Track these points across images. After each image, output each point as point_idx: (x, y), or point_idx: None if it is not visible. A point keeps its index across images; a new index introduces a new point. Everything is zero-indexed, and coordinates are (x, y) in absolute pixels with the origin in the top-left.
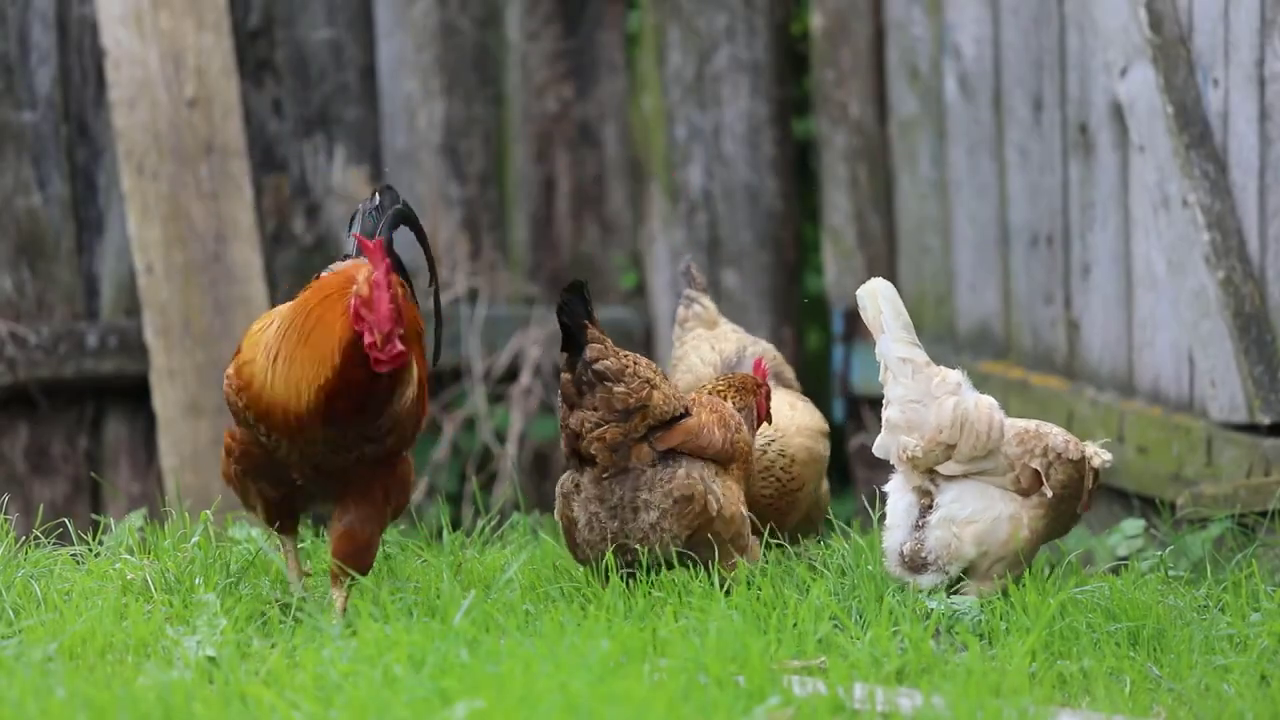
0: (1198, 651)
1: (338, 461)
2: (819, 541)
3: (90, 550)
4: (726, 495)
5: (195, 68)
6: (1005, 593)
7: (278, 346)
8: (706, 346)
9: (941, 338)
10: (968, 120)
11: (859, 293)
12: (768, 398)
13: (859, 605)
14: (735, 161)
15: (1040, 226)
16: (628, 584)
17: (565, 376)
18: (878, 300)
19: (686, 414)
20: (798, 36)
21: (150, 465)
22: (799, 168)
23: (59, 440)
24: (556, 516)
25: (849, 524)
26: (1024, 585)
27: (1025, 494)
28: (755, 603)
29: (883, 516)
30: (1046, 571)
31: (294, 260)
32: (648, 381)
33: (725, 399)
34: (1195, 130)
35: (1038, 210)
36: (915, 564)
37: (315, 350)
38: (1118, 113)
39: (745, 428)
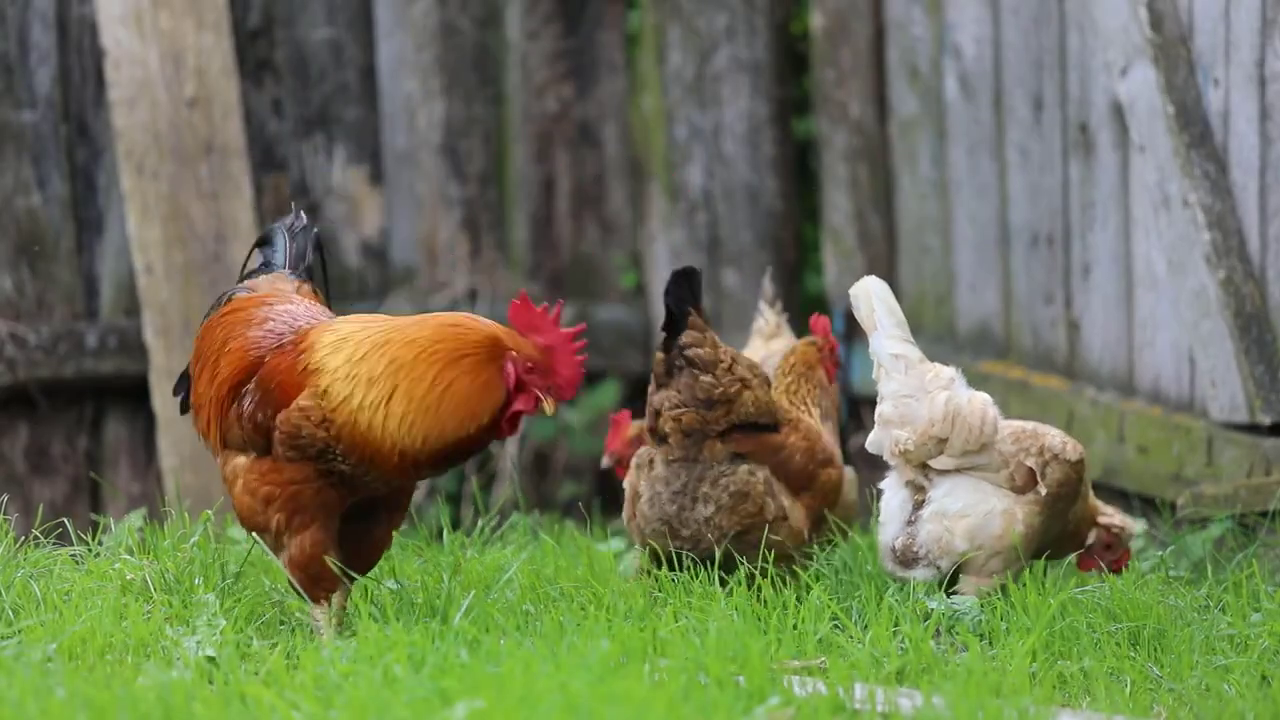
0: (1198, 652)
1: (413, 482)
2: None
3: (90, 550)
4: (791, 515)
5: (195, 68)
6: (1005, 592)
7: (390, 388)
8: (747, 354)
9: (941, 338)
10: (968, 120)
11: (852, 291)
12: (833, 357)
13: (859, 605)
14: (735, 161)
15: (1040, 226)
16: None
17: (659, 355)
18: (870, 298)
19: (775, 428)
20: (798, 36)
21: (150, 465)
22: (799, 168)
23: (59, 440)
24: (625, 485)
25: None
26: (1024, 585)
27: (1020, 491)
28: (755, 603)
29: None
30: (1046, 571)
31: None
32: (741, 380)
33: (800, 389)
34: (1196, 130)
35: (1038, 210)
36: (906, 559)
37: (460, 408)
38: (1118, 112)
39: (836, 458)
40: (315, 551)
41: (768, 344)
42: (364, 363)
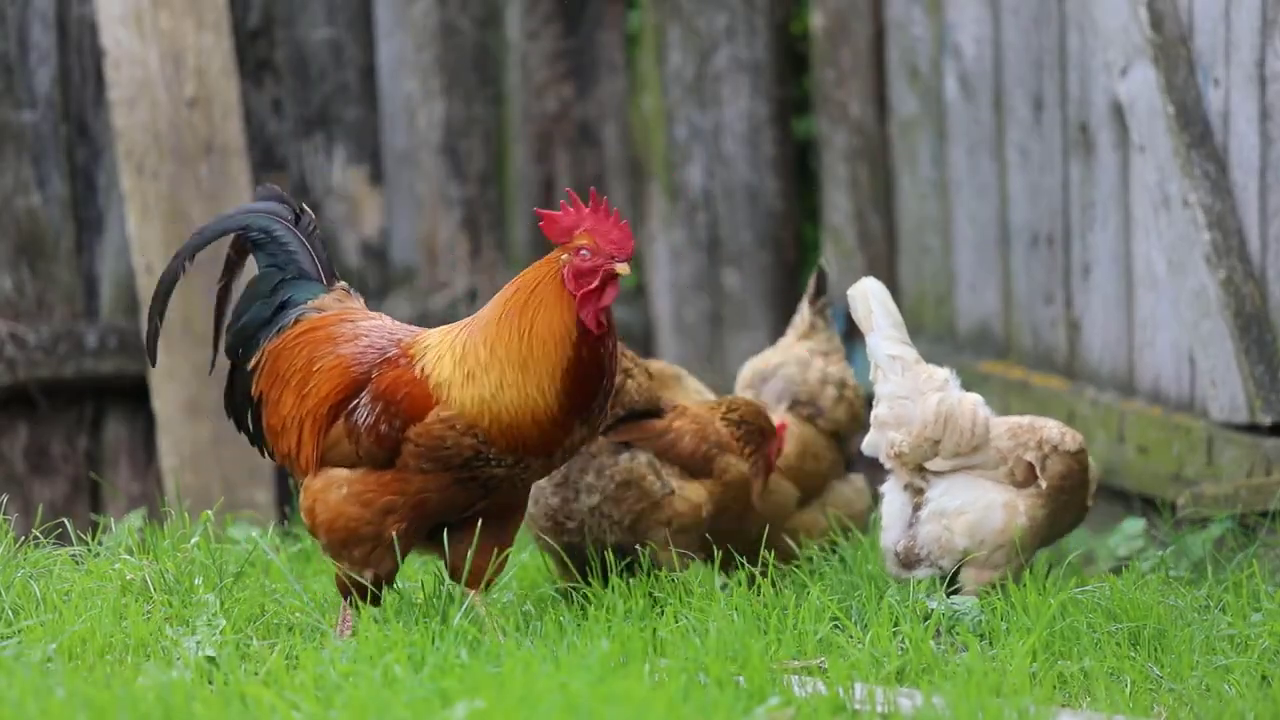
0: (1199, 652)
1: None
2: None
3: (89, 550)
4: (684, 491)
5: (195, 68)
6: (1005, 592)
7: (498, 367)
8: (761, 360)
9: (941, 338)
10: (968, 120)
11: (850, 292)
12: (778, 450)
13: (859, 605)
14: (735, 161)
15: (1040, 226)
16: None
17: None
18: (868, 299)
19: (658, 414)
20: (798, 36)
21: (150, 465)
22: (799, 168)
23: (59, 440)
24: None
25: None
26: (1024, 585)
27: (1021, 486)
28: (755, 603)
29: (880, 517)
30: (1047, 571)
31: None
32: (624, 371)
33: (730, 426)
34: (1196, 130)
35: (1038, 210)
36: (909, 561)
37: (549, 337)
38: (1118, 112)
39: (738, 453)
40: (397, 563)
41: (799, 342)
42: (467, 359)
